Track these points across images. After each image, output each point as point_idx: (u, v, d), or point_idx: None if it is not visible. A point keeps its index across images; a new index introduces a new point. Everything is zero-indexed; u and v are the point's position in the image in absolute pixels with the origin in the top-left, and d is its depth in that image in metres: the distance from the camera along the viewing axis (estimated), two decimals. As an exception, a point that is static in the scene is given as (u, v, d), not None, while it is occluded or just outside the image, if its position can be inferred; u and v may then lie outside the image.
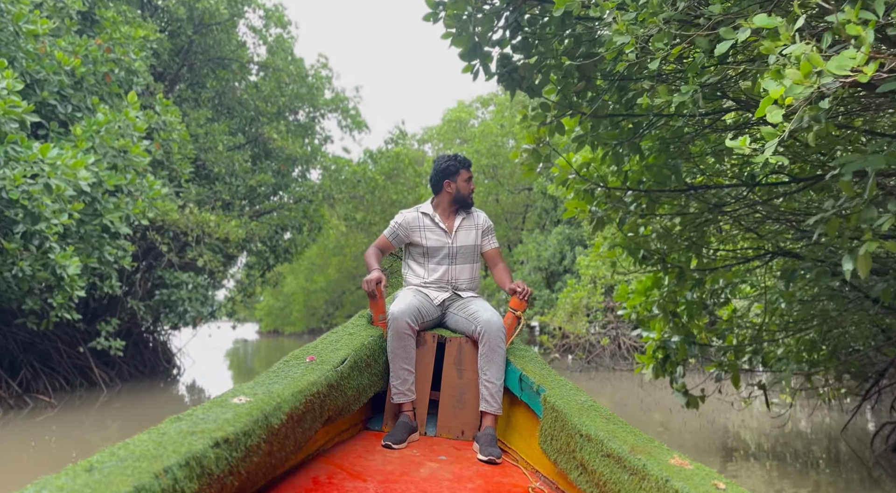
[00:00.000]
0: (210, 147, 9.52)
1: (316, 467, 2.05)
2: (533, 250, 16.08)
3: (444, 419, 2.75)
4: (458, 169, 3.02)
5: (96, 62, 7.29)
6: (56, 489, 0.99)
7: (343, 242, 21.83)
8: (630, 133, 3.84)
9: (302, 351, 2.35)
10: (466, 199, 3.02)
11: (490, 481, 2.09)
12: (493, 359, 2.64)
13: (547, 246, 16.02)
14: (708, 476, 1.47)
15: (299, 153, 10.43)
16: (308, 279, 28.31)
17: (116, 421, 6.65)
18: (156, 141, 8.03)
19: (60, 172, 5.90)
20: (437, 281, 2.97)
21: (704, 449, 5.10)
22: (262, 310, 36.20)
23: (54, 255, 6.15)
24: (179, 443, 1.27)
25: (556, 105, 3.84)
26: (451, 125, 19.62)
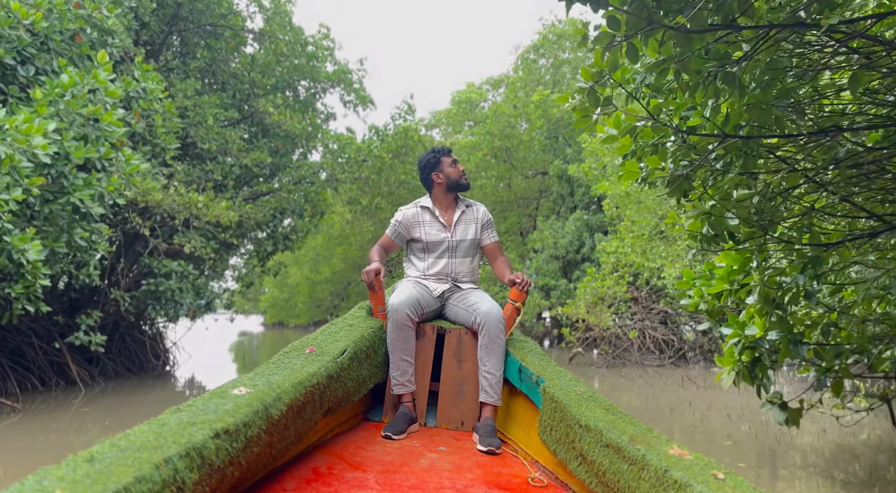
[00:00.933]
0: (200, 122, 8.60)
1: (316, 457, 2.06)
2: (549, 237, 15.13)
3: (444, 410, 2.75)
4: (439, 157, 3.03)
5: (63, 19, 6.37)
6: (57, 479, 0.98)
7: (348, 230, 20.94)
8: (725, 59, 2.87)
9: (302, 342, 2.35)
10: (459, 181, 3.02)
11: (489, 471, 2.10)
12: (492, 350, 2.64)
13: (564, 233, 15.08)
14: (707, 466, 1.46)
15: (298, 129, 9.50)
16: (313, 270, 27.52)
17: (95, 425, 5.81)
18: (135, 111, 7.12)
19: (11, 140, 5.01)
20: (437, 274, 2.98)
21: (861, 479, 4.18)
22: (266, 302, 35.51)
23: (10, 237, 5.27)
24: (180, 434, 1.26)
25: (629, 20, 2.87)
26: (461, 107, 18.63)
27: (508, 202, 17.91)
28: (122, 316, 9.98)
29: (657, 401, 7.26)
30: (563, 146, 16.26)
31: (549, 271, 15.21)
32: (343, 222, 20.00)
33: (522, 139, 16.07)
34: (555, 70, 17.15)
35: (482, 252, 3.11)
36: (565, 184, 16.44)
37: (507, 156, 16.61)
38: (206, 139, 8.70)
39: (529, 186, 17.56)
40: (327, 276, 25.44)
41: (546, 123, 15.63)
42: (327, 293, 26.98)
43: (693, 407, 6.68)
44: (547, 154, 16.64)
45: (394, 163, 10.15)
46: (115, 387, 8.40)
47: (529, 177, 17.40)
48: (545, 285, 15.20)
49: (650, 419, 6.02)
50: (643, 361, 10.47)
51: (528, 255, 16.14)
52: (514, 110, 16.06)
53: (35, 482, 0.98)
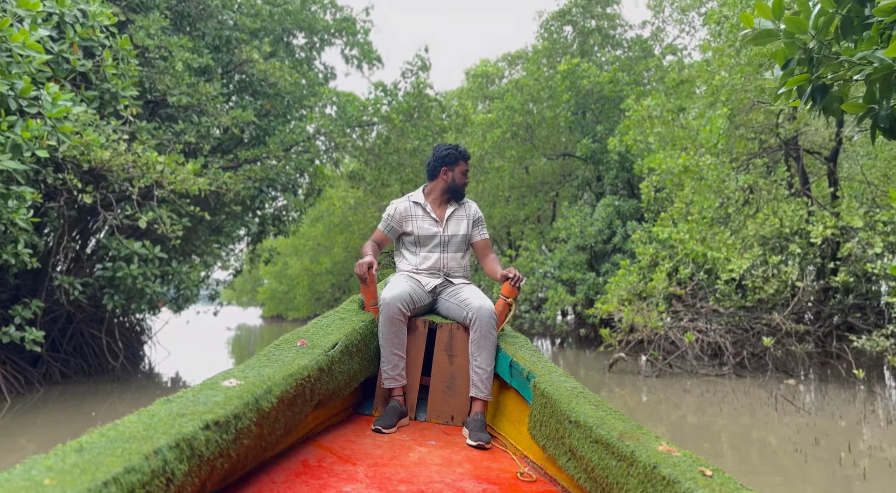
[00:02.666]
0: (167, 69, 6.92)
1: (306, 450, 2.05)
2: (576, 225, 13.43)
3: (435, 405, 2.75)
4: (458, 159, 3.05)
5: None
6: (45, 469, 0.98)
7: (350, 218, 19.30)
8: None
9: (293, 335, 2.34)
10: (460, 189, 3.05)
11: (479, 466, 2.11)
12: (483, 345, 2.66)
13: (592, 221, 13.37)
14: (695, 463, 1.45)
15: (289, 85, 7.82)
16: (313, 261, 25.95)
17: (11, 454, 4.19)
18: (69, 39, 5.45)
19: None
20: (428, 269, 3.00)
21: None
22: (264, 294, 33.99)
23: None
24: (170, 425, 1.26)
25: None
26: (477, 81, 16.89)
27: (528, 187, 16.21)
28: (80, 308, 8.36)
29: (759, 430, 5.58)
30: (591, 124, 14.53)
31: (574, 263, 13.52)
32: (345, 208, 18.34)
33: (545, 116, 14.35)
34: (583, 39, 15.40)
35: (472, 249, 3.15)
36: (592, 166, 14.72)
37: (528, 134, 14.88)
38: (173, 90, 7.02)
39: (553, 168, 15.84)
40: (328, 267, 23.82)
41: (574, 97, 13.91)
42: (328, 285, 25.38)
43: (825, 445, 4.99)
44: (573, 133, 14.93)
45: (405, 126, 8.50)
46: (59, 394, 6.79)
47: (553, 158, 15.68)
48: (570, 279, 13.52)
49: (790, 472, 4.35)
50: (698, 369, 8.78)
51: (549, 245, 14.45)
52: (536, 83, 14.33)
53: (23, 472, 0.96)
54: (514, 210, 15.84)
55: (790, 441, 4.98)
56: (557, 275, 13.65)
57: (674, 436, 5.23)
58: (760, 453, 4.64)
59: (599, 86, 13.63)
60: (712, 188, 8.07)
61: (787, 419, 5.89)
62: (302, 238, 26.72)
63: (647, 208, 12.32)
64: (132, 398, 6.95)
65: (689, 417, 6.07)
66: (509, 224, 16.83)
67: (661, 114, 9.39)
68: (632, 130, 10.00)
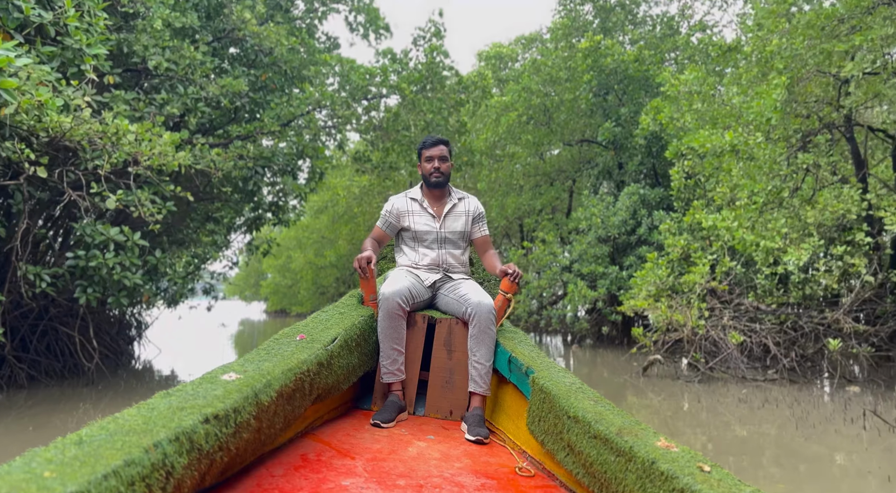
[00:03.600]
0: (144, 28, 6.01)
1: (305, 444, 2.05)
2: (598, 215, 12.48)
3: (433, 399, 2.74)
4: (420, 150, 3.02)
5: None
6: (45, 461, 0.97)
7: (356, 208, 18.40)
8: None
9: (292, 329, 2.33)
10: (429, 179, 2.97)
11: (477, 460, 2.11)
12: (482, 340, 2.66)
13: (615, 210, 12.41)
14: (693, 459, 1.46)
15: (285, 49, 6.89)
16: (318, 254, 25.11)
17: None
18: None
19: None
20: (427, 264, 2.99)
21: None
22: (267, 288, 33.20)
23: None
24: (169, 418, 1.25)
25: None
26: (491, 63, 15.91)
27: (544, 175, 15.25)
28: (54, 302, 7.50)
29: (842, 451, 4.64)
30: (614, 106, 13.55)
31: (595, 256, 12.57)
32: (350, 198, 17.44)
33: (564, 98, 13.37)
34: (604, 16, 14.40)
35: (472, 245, 3.13)
36: (614, 152, 13.75)
37: (545, 118, 13.92)
38: (152, 53, 6.12)
39: (572, 155, 14.86)
40: (332, 260, 22.94)
41: (596, 77, 12.92)
42: (332, 280, 24.53)
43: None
44: (594, 116, 13.94)
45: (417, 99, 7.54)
46: (24, 400, 5.93)
47: (571, 145, 14.70)
48: (591, 273, 12.57)
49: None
50: (746, 374, 7.83)
51: (567, 237, 13.51)
52: (555, 63, 13.34)
53: (23, 465, 0.96)
54: (529, 200, 14.89)
55: (874, 464, 4.04)
56: (577, 269, 12.71)
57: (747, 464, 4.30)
58: (839, 477, 3.72)
59: (624, 65, 12.65)
60: (763, 170, 7.10)
61: (871, 438, 4.95)
62: (305, 231, 25.91)
63: (676, 196, 11.34)
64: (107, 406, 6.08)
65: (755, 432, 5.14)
66: (523, 215, 15.89)
67: (700, 89, 8.42)
68: (667, 108, 9.03)
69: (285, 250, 29.82)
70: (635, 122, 12.94)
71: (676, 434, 5.10)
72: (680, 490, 1.33)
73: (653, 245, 12.45)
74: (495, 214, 15.42)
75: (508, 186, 15.25)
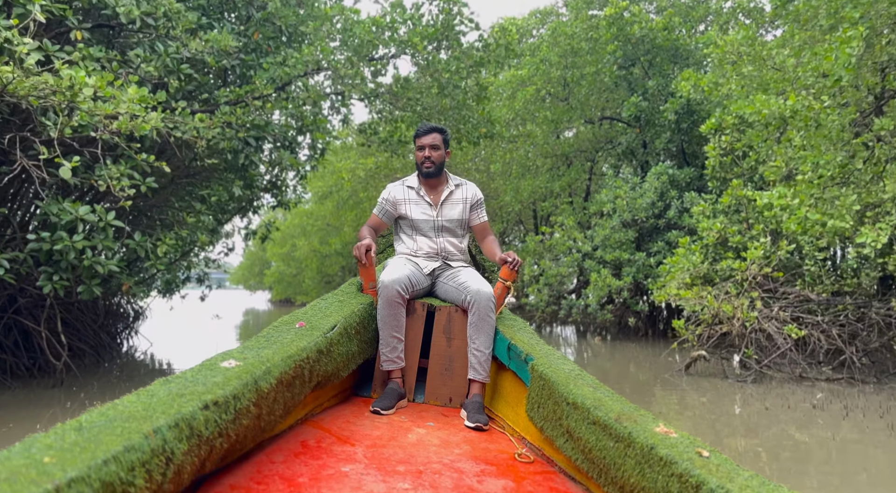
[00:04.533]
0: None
1: (304, 431, 2.04)
2: (624, 196, 11.52)
3: (433, 387, 2.76)
4: (415, 138, 2.99)
5: None
6: (45, 447, 0.97)
7: (361, 193, 17.48)
8: None
9: (292, 317, 2.33)
10: (420, 168, 2.97)
11: (477, 447, 2.11)
12: (482, 328, 2.66)
13: (642, 191, 11.45)
14: (692, 444, 1.46)
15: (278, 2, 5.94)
16: (322, 242, 24.27)
17: None
18: None
19: None
20: (426, 252, 2.98)
21: None
22: (271, 277, 32.45)
23: None
24: (169, 404, 1.25)
25: None
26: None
27: (561, 156, 14.26)
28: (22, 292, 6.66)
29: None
30: (640, 79, 12.54)
31: (619, 241, 11.63)
32: (355, 181, 16.52)
33: (586, 72, 12.36)
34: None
35: (471, 232, 3.11)
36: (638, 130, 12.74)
37: (565, 93, 12.92)
38: (124, 2, 5.21)
39: (595, 133, 13.85)
40: (338, 248, 22.09)
41: (621, 47, 11.91)
42: (337, 268, 23.70)
43: None
44: (617, 91, 12.94)
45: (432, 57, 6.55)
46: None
47: (592, 122, 13.69)
48: (615, 260, 11.65)
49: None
50: (804, 372, 6.89)
51: (592, 221, 12.56)
52: (576, 33, 12.31)
53: (23, 450, 0.95)
54: (546, 182, 13.93)
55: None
56: (600, 255, 11.78)
57: None
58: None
59: (651, 34, 11.62)
60: (831, 138, 6.14)
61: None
62: (310, 218, 25.12)
63: (711, 176, 10.38)
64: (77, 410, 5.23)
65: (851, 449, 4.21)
66: (539, 198, 14.93)
67: (750, 50, 7.44)
68: (710, 74, 8.04)
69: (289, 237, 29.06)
70: (663, 96, 11.93)
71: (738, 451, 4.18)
72: (679, 475, 1.32)
73: (683, 229, 11.50)
74: (510, 197, 14.47)
75: (524, 168, 14.30)
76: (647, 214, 11.42)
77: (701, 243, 9.93)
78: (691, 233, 11.34)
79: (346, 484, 1.62)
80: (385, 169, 16.01)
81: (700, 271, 9.66)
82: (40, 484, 0.86)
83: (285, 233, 29.61)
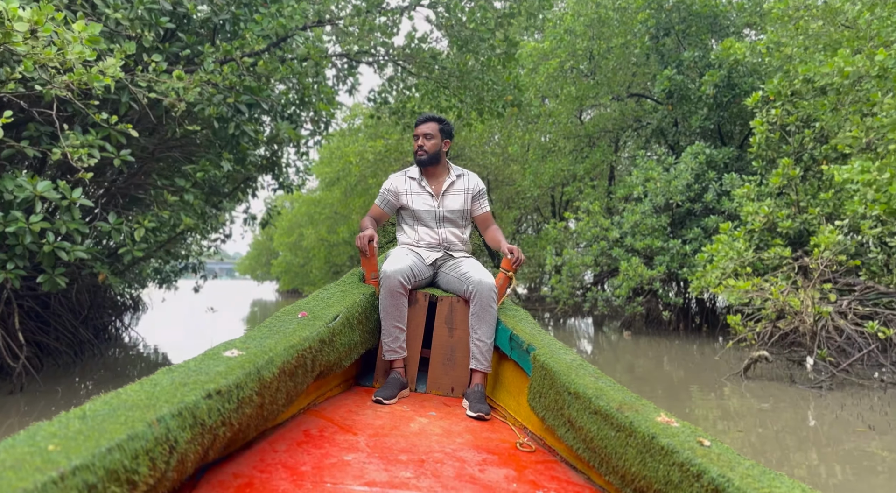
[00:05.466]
0: None
1: (307, 420, 2.06)
2: (657, 178, 10.53)
3: (435, 377, 2.78)
4: (414, 127, 3.02)
5: None
6: (49, 435, 0.97)
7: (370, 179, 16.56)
8: None
9: (294, 307, 2.35)
10: (416, 156, 2.98)
11: (479, 436, 2.13)
12: (484, 318, 2.67)
13: (677, 172, 10.46)
14: (693, 434, 1.46)
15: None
16: (330, 231, 23.43)
17: None
18: None
19: None
20: (428, 243, 3.00)
21: None
22: (278, 267, 31.65)
23: None
24: (172, 393, 1.25)
25: None
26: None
27: (583, 137, 13.25)
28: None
29: None
30: (674, 51, 11.49)
31: (651, 227, 10.66)
32: (364, 166, 15.59)
33: (614, 44, 11.33)
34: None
35: (474, 222, 3.14)
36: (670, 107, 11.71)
37: (591, 67, 11.89)
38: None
39: (624, 111, 12.82)
40: (346, 237, 21.20)
41: (653, 15, 10.87)
42: (346, 257, 22.83)
43: None
44: (649, 64, 11.91)
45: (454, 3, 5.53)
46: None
47: (621, 99, 12.66)
48: (647, 248, 10.68)
49: None
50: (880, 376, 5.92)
51: (620, 206, 11.58)
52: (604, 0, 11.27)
53: (27, 438, 0.95)
54: (569, 165, 12.94)
55: None
56: (629, 243, 10.81)
57: None
58: None
59: (687, 0, 10.57)
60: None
61: None
62: (317, 206, 24.31)
63: (756, 154, 9.37)
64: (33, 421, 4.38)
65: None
66: (561, 183, 13.95)
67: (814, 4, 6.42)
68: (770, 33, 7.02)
69: (296, 226, 28.25)
70: (699, 69, 10.90)
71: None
72: (680, 465, 1.33)
73: (723, 214, 10.51)
74: (529, 181, 13.50)
75: (544, 150, 13.31)
76: (682, 197, 10.42)
77: (744, 229, 8.98)
78: (731, 218, 10.36)
79: (349, 473, 1.63)
80: (395, 152, 15.08)
81: (745, 259, 8.71)
82: (45, 472, 0.86)
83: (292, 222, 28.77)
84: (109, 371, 6.57)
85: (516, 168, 16.38)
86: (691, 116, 11.14)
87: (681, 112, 11.48)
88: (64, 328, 7.48)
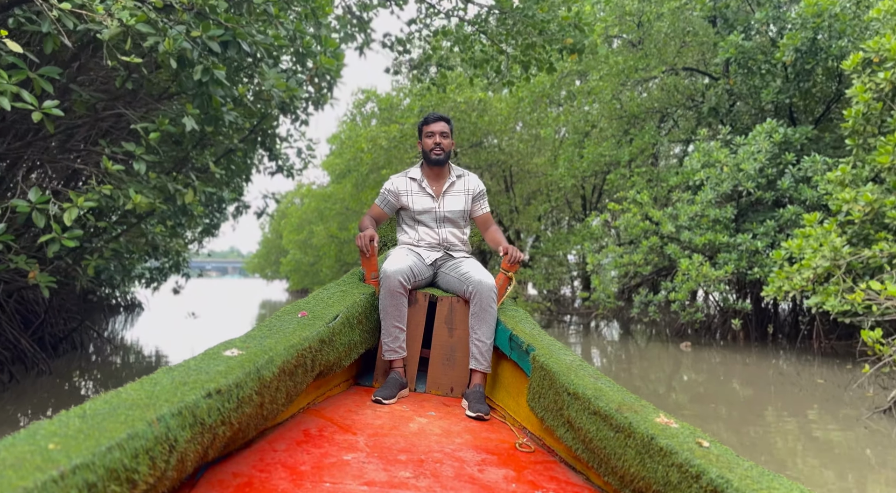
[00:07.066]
0: None
1: (307, 420, 2.07)
2: (725, 162, 8.90)
3: (434, 377, 2.77)
4: (421, 126, 3.02)
5: None
6: (49, 434, 0.96)
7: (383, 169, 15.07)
8: None
9: (294, 307, 2.34)
10: (429, 155, 2.95)
11: (478, 436, 2.13)
12: (483, 318, 2.67)
13: (750, 154, 8.83)
14: (692, 434, 1.46)
15: None
16: (341, 227, 22.07)
17: None
18: None
19: None
20: (428, 243, 3.00)
21: None
22: (287, 265, 30.33)
23: None
24: (172, 393, 1.26)
25: None
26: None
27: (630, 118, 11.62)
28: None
29: None
30: (740, 14, 9.84)
31: (713, 220, 9.04)
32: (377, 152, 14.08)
33: (666, 7, 9.72)
34: None
35: (473, 223, 3.15)
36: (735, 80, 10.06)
37: (640, 34, 10.27)
38: None
39: (677, 86, 11.15)
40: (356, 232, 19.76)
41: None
42: (356, 256, 21.38)
43: None
44: (702, 34, 10.28)
45: None
46: None
47: (677, 72, 11.01)
48: (708, 243, 9.06)
49: None
50: None
51: (676, 195, 9.96)
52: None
53: (28, 436, 0.95)
54: (611, 149, 11.33)
55: None
56: (687, 239, 9.20)
57: None
58: None
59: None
60: None
61: None
62: (328, 201, 22.96)
63: (852, 130, 7.73)
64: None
65: None
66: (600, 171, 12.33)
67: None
68: None
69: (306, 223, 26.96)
70: (772, 33, 9.26)
71: None
72: (679, 465, 1.33)
73: (803, 204, 8.87)
74: (563, 169, 11.91)
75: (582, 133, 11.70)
76: (753, 184, 8.79)
77: (834, 222, 7.39)
78: (811, 209, 8.73)
79: (348, 472, 1.63)
80: (411, 138, 13.58)
81: (840, 257, 7.12)
82: (45, 471, 0.86)
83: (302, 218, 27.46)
84: (59, 388, 5.08)
85: (541, 161, 14.84)
86: (763, 89, 9.49)
87: (746, 86, 9.83)
88: (7, 336, 6.04)
